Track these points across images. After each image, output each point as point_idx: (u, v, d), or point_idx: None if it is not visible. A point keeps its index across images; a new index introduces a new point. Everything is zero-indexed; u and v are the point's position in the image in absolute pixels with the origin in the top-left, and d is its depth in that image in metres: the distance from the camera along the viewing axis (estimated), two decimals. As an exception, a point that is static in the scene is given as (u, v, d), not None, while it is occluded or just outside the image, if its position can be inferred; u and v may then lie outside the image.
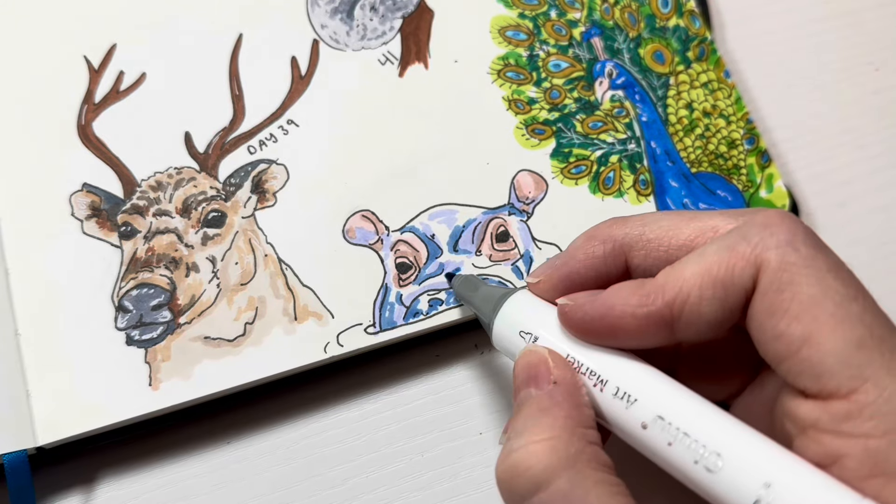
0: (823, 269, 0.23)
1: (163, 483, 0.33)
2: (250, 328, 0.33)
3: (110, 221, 0.34)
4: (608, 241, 0.28)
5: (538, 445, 0.24)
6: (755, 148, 0.39)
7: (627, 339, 0.25)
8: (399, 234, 0.35)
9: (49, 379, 0.32)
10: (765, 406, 0.26)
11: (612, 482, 0.23)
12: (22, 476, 0.30)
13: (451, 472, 0.34)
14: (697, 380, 0.26)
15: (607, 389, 0.25)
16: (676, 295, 0.24)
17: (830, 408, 0.22)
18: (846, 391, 0.22)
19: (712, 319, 0.24)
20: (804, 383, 0.23)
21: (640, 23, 0.40)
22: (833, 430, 0.22)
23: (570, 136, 0.38)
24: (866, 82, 0.43)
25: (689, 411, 0.24)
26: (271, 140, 0.36)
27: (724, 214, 0.26)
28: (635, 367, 0.25)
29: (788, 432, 0.24)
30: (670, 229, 0.27)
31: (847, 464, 0.22)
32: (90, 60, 0.36)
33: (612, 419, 0.25)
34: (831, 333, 0.22)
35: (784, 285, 0.23)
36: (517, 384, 0.26)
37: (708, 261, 0.24)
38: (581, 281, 0.28)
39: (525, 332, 0.28)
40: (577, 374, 0.26)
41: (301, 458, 0.34)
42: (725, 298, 0.24)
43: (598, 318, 0.25)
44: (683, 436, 0.23)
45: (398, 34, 0.39)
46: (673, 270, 0.25)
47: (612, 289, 0.26)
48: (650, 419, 0.24)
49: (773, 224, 0.24)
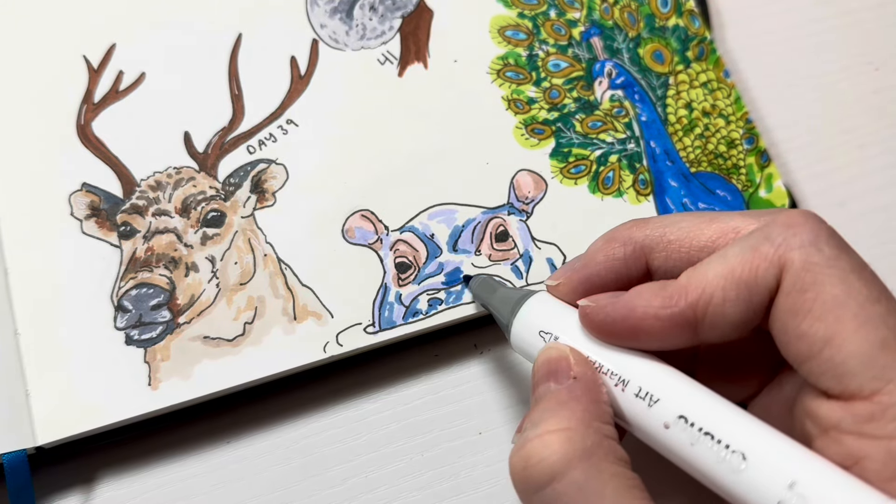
0: (847, 269, 0.23)
1: (162, 483, 0.33)
2: (249, 328, 0.33)
3: (109, 221, 0.34)
4: (628, 244, 0.27)
5: (554, 436, 0.24)
6: (754, 148, 0.39)
7: (649, 340, 0.25)
8: (398, 233, 0.35)
9: (48, 378, 0.32)
10: (783, 407, 0.26)
11: (629, 476, 0.23)
12: (21, 476, 0.30)
13: (451, 471, 0.34)
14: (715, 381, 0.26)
15: (629, 389, 0.25)
16: (700, 296, 0.24)
17: (853, 409, 0.22)
18: (869, 392, 0.22)
19: (736, 320, 0.24)
20: (826, 384, 0.23)
21: (640, 22, 0.40)
22: (855, 432, 0.22)
23: (570, 136, 0.38)
24: (866, 82, 0.43)
25: (712, 411, 0.24)
26: (271, 140, 0.36)
27: (746, 215, 0.26)
28: (657, 367, 0.25)
29: (809, 433, 0.24)
30: (691, 231, 0.27)
31: (868, 465, 0.22)
32: (90, 60, 0.36)
33: (634, 419, 0.25)
34: (854, 334, 0.22)
35: (807, 286, 0.23)
36: (536, 379, 0.26)
37: (731, 262, 0.24)
38: (601, 283, 0.28)
39: (545, 331, 0.28)
40: (597, 372, 0.26)
41: (301, 458, 0.34)
42: (749, 299, 0.24)
43: (620, 319, 0.25)
44: (706, 436, 0.23)
45: (397, 34, 0.39)
46: (695, 272, 0.25)
47: (635, 290, 0.26)
48: (672, 419, 0.24)
49: (797, 224, 0.24)
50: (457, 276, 0.35)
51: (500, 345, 0.36)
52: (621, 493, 0.23)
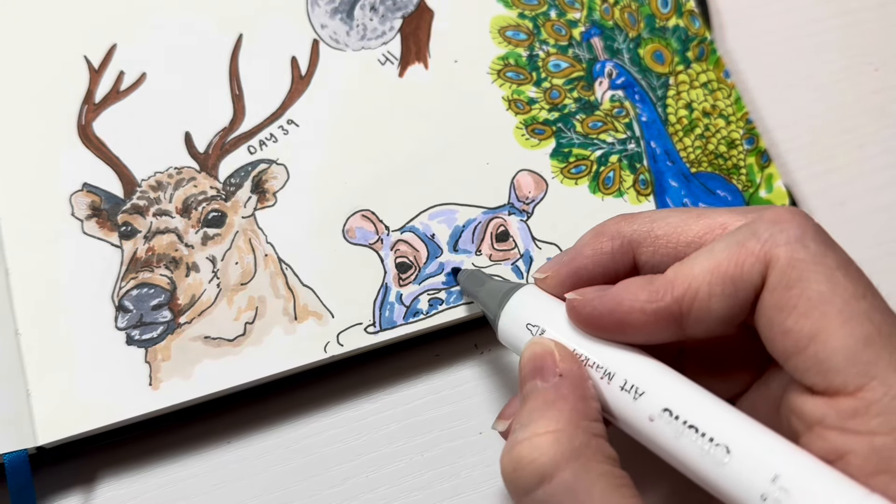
0: (832, 266, 0.23)
1: (163, 483, 0.33)
2: (250, 328, 0.33)
3: (110, 221, 0.34)
4: (616, 238, 0.28)
5: (542, 438, 0.24)
6: (755, 148, 0.39)
7: (636, 334, 0.25)
8: (399, 233, 0.35)
9: (49, 378, 0.32)
10: (770, 404, 0.26)
11: (617, 474, 0.24)
12: (22, 476, 0.30)
13: (451, 471, 0.34)
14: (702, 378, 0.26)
15: (614, 382, 0.25)
16: (686, 291, 0.24)
17: (837, 405, 0.22)
18: (853, 388, 0.22)
19: (721, 316, 0.24)
20: (811, 380, 0.23)
21: (640, 23, 0.40)
22: (839, 427, 0.22)
23: (570, 136, 0.38)
24: (866, 82, 0.43)
25: (697, 405, 0.24)
26: (271, 140, 0.36)
27: (733, 212, 0.26)
28: (643, 360, 0.26)
29: (794, 429, 0.24)
30: (679, 226, 0.27)
31: (852, 460, 0.22)
32: (90, 60, 0.36)
33: (619, 412, 0.25)
34: (839, 330, 0.22)
35: (793, 282, 0.23)
36: (523, 375, 0.26)
37: (717, 257, 0.24)
38: (588, 277, 0.28)
39: (532, 324, 0.28)
40: (583, 367, 0.26)
41: (301, 458, 0.34)
42: (735, 294, 0.24)
43: (606, 312, 0.25)
44: (690, 429, 0.23)
45: (398, 34, 0.39)
46: (682, 266, 0.25)
47: (622, 284, 0.26)
48: (657, 412, 0.24)
49: (783, 220, 0.24)
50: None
51: (500, 345, 0.36)
52: (609, 492, 0.23)
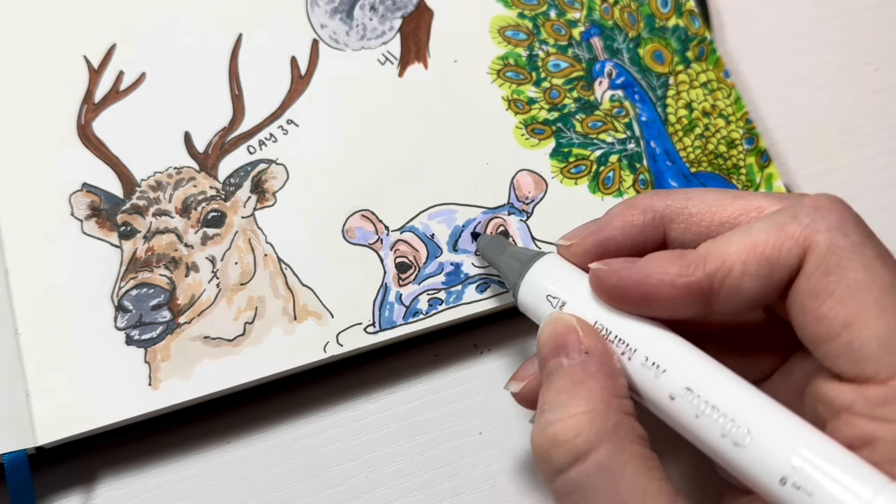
0: (871, 256, 0.23)
1: (162, 483, 0.33)
2: (250, 328, 0.33)
3: (110, 221, 0.34)
4: (648, 211, 0.27)
5: (577, 419, 0.24)
6: (754, 148, 0.39)
7: (661, 308, 0.25)
8: (399, 233, 0.35)
9: (49, 378, 0.32)
10: (792, 392, 0.26)
11: (648, 456, 0.24)
12: (22, 476, 0.30)
13: (451, 471, 0.34)
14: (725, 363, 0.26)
15: (636, 358, 0.25)
16: (719, 267, 0.24)
17: (866, 392, 0.22)
18: (885, 376, 0.22)
19: (751, 296, 0.24)
20: (841, 367, 0.23)
21: (640, 23, 0.40)
22: (867, 414, 0.22)
23: (570, 136, 0.38)
24: (866, 82, 0.43)
25: (719, 385, 0.24)
26: (271, 140, 0.36)
27: (770, 196, 0.26)
28: (666, 337, 0.25)
29: (820, 416, 0.24)
30: (714, 205, 0.27)
31: (879, 447, 0.22)
32: (90, 60, 0.36)
33: (640, 389, 0.25)
34: (874, 319, 0.22)
35: (831, 268, 0.23)
36: (544, 353, 0.26)
37: (755, 237, 0.24)
38: (616, 248, 0.28)
39: (552, 296, 0.27)
40: (607, 343, 0.26)
41: (301, 458, 0.34)
42: (769, 276, 0.24)
43: (633, 284, 0.25)
44: (712, 409, 0.23)
45: (398, 34, 0.39)
46: (716, 243, 0.25)
47: (650, 257, 0.26)
48: (678, 391, 0.24)
49: (824, 207, 0.24)
50: (457, 276, 0.35)
51: (500, 345, 0.36)
52: (640, 473, 0.23)
